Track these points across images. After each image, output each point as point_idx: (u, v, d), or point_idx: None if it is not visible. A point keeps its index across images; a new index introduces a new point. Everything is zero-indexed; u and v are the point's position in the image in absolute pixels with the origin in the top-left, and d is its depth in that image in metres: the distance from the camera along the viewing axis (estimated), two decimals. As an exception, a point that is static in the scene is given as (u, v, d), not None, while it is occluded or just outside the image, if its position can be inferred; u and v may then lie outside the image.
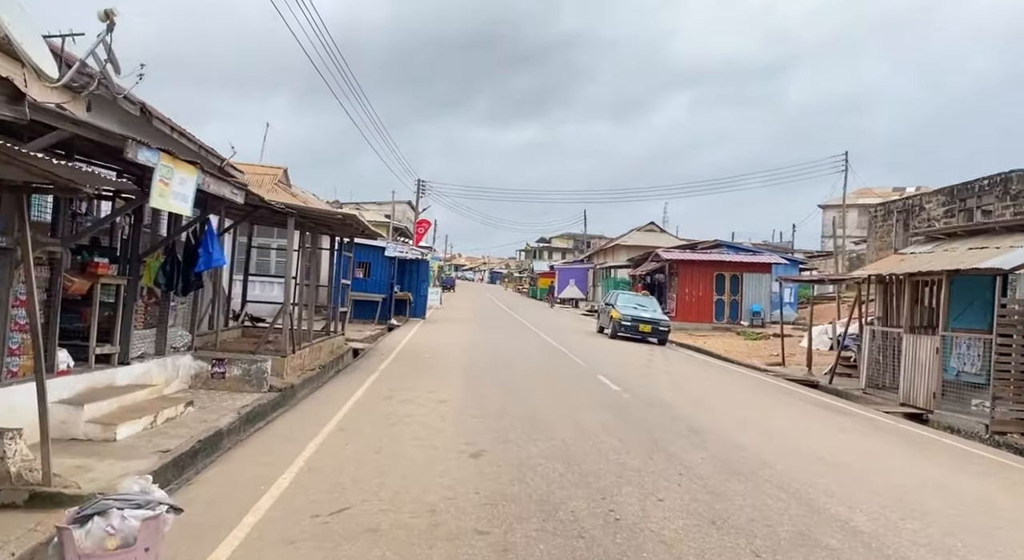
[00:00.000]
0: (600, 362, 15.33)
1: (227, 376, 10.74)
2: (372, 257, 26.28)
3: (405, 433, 7.52)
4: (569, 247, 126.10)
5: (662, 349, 21.29)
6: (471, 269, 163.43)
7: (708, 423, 8.88)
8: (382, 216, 50.55)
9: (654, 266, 33.09)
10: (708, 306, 29.89)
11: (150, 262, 9.13)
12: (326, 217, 12.59)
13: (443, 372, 12.74)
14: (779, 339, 26.65)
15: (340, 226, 14.14)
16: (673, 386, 12.34)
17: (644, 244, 48.85)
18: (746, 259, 30.39)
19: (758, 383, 14.72)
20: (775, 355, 21.37)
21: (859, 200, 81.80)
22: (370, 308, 25.73)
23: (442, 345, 18.09)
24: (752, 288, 30.08)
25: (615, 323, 22.57)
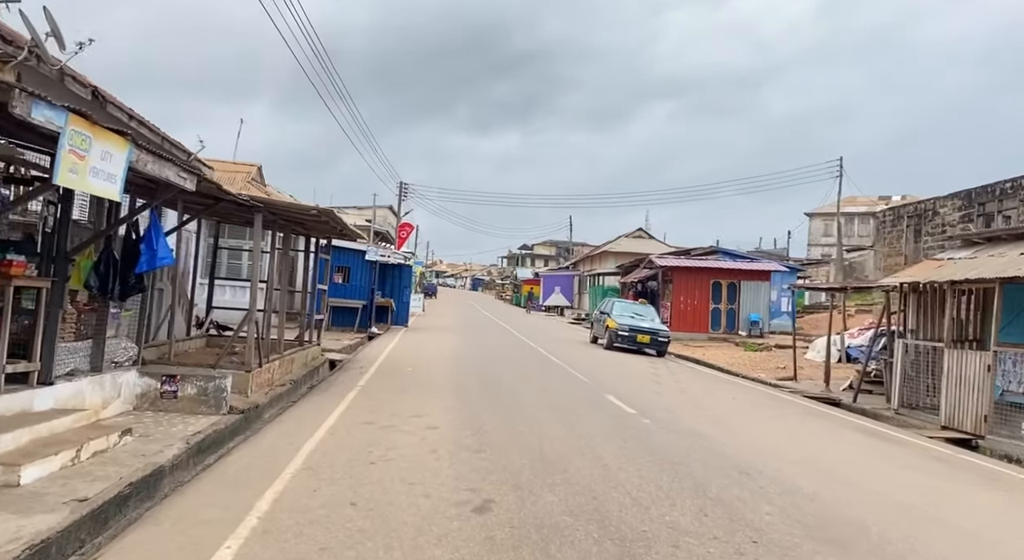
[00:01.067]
0: (603, 378, 13.91)
1: (180, 395, 9.16)
2: (352, 261, 24.70)
3: (389, 474, 6.02)
4: (552, 254, 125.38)
5: (663, 362, 19.91)
6: (453, 276, 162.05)
7: (753, 459, 7.45)
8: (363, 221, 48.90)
9: (646, 273, 31.81)
10: (704, 315, 28.64)
11: (80, 261, 7.56)
12: (298, 213, 11.07)
13: (430, 389, 11.23)
14: (781, 350, 25.50)
15: (315, 224, 12.60)
16: (693, 408, 10.93)
17: (633, 251, 47.65)
18: (744, 266, 29.21)
19: (779, 402, 13.36)
20: (782, 368, 20.11)
21: (846, 208, 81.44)
22: (349, 315, 24.14)
23: (427, 356, 16.57)
24: (750, 297, 28.88)
25: (611, 333, 21.18)
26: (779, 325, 30.42)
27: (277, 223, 12.50)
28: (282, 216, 11.97)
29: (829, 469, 7.42)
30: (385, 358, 16.28)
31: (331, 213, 10.93)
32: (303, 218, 12.20)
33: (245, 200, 9.45)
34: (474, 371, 14.05)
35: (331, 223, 12.09)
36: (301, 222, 13.01)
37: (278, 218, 12.03)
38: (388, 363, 15.20)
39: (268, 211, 11.02)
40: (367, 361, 15.73)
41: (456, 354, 17.47)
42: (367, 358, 16.31)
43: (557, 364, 16.11)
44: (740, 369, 19.76)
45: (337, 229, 13.18)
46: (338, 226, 12.87)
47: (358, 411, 9.22)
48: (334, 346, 18.26)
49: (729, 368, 19.85)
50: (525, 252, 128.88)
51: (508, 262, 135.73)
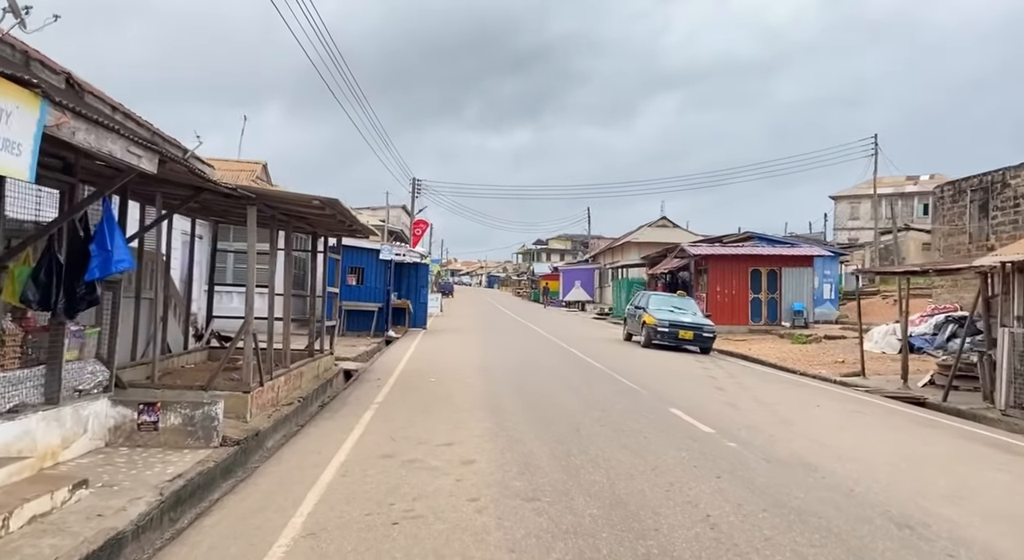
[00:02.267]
0: (655, 384, 12.17)
1: (161, 426, 7.59)
2: (365, 261, 23.11)
3: (418, 544, 4.35)
4: (568, 248, 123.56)
5: (711, 360, 18.11)
6: (468, 274, 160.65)
7: (900, 500, 5.61)
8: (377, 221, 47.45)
9: (677, 263, 29.97)
10: (743, 306, 26.76)
11: (15, 269, 5.95)
12: (297, 204, 9.42)
13: (459, 406, 9.56)
14: (831, 342, 23.58)
15: (320, 219, 10.97)
16: (778, 422, 9.11)
17: (657, 240, 45.77)
18: (784, 252, 27.28)
19: (865, 406, 11.53)
20: (841, 362, 18.25)
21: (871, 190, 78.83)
22: (364, 319, 22.56)
23: (451, 363, 14.91)
24: (792, 284, 26.94)
25: (649, 329, 19.41)
26: (823, 314, 28.47)
27: (277, 219, 10.89)
28: (281, 210, 10.35)
29: (1006, 512, 5.61)
30: (405, 366, 14.65)
31: (337, 204, 9.28)
32: (306, 212, 10.57)
33: (231, 189, 7.83)
34: (505, 380, 12.37)
35: (338, 217, 10.45)
36: (304, 217, 11.39)
37: (277, 213, 10.41)
38: (408, 373, 13.56)
39: (264, 204, 9.40)
40: (385, 370, 14.11)
41: (482, 359, 15.80)
42: (385, 367, 14.69)
43: (598, 368, 14.37)
44: (796, 365, 17.93)
45: (346, 225, 11.54)
46: (347, 221, 11.23)
47: (375, 438, 7.57)
48: (349, 354, 16.68)
49: (784, 364, 18.03)
50: (540, 247, 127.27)
51: (523, 258, 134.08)
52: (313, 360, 12.91)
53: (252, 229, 9.19)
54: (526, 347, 19.09)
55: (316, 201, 8.97)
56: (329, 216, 10.28)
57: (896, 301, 32.15)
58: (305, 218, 11.43)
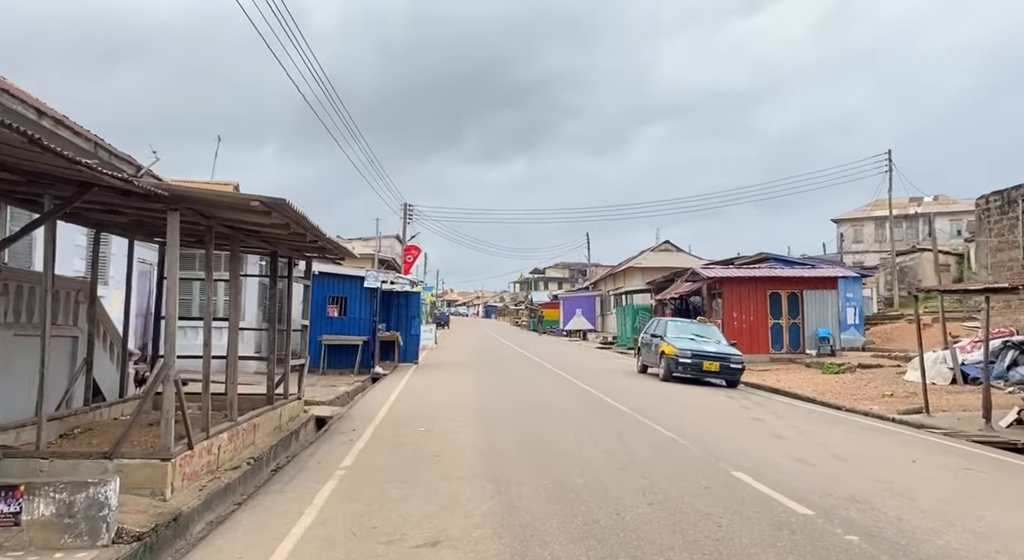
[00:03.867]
0: (698, 431, 9.80)
1: (26, 519, 5.32)
2: (348, 290, 20.85)
3: None
4: (565, 276, 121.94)
5: (742, 395, 15.78)
6: (464, 304, 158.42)
7: None
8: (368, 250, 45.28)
9: (688, 287, 27.78)
10: (762, 333, 24.48)
11: None
12: (234, 208, 7.14)
13: (450, 472, 7.23)
14: (867, 371, 21.29)
15: (274, 232, 8.72)
16: (882, 489, 6.58)
17: (661, 265, 43.63)
18: (806, 273, 25.10)
19: (966, 458, 9.13)
20: (889, 396, 15.92)
21: (875, 212, 77.29)
22: (347, 355, 20.23)
23: (444, 406, 12.57)
24: (815, 308, 24.71)
25: (669, 361, 17.11)
26: (848, 340, 26.20)
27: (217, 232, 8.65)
28: (220, 221, 8.11)
29: None
30: (388, 411, 12.31)
31: (286, 207, 7.04)
32: (253, 223, 8.33)
33: (122, 179, 5.58)
34: (511, 428, 10.03)
35: (293, 227, 8.19)
36: (254, 231, 9.15)
37: (216, 224, 8.17)
38: (391, 420, 11.21)
39: (189, 209, 7.17)
40: (364, 416, 11.78)
41: (481, 400, 13.46)
42: (365, 412, 12.35)
43: (620, 410, 12.00)
44: (839, 399, 15.62)
45: (307, 240, 9.27)
46: (308, 234, 8.97)
47: (328, 531, 5.24)
48: (325, 397, 14.32)
49: (824, 398, 15.72)
50: (537, 276, 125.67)
51: (521, 287, 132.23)
52: (273, 408, 10.59)
53: (173, 243, 6.95)
54: (532, 384, 16.73)
55: (257, 203, 6.73)
56: (282, 226, 8.03)
57: (925, 325, 30.00)
58: (256, 232, 9.19)
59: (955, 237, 63.89)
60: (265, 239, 10.15)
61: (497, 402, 13.08)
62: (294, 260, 12.17)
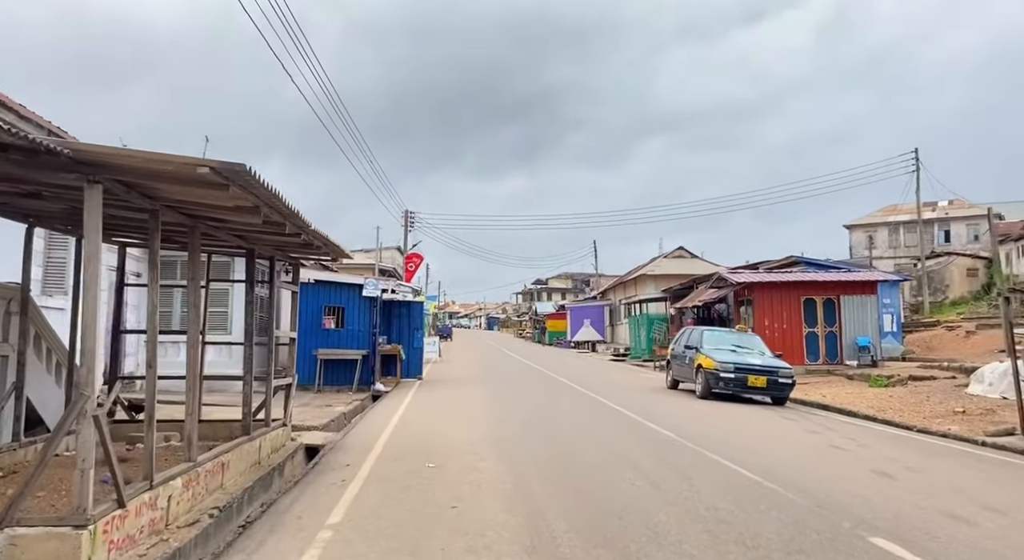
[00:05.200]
0: (783, 468, 7.79)
1: None
2: (345, 299, 18.94)
3: None
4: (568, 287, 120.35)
5: (799, 414, 13.81)
6: (466, 316, 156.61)
7: None
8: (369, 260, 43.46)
9: (713, 294, 25.83)
10: (797, 342, 22.50)
11: None
12: (174, 177, 5.21)
13: (476, 534, 5.31)
14: (919, 384, 19.29)
15: (240, 218, 6.81)
16: None
17: (674, 272, 41.71)
18: (843, 277, 23.15)
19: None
20: (960, 413, 13.93)
21: (888, 217, 75.27)
22: (346, 370, 18.33)
23: (454, 432, 10.63)
24: (853, 315, 22.74)
25: (708, 375, 15.14)
26: (887, 349, 24.21)
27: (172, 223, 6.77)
28: (167, 200, 6.20)
29: None
30: (390, 438, 10.38)
31: (248, 179, 5.14)
32: (213, 209, 6.43)
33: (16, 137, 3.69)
34: (540, 465, 8.08)
35: (264, 211, 6.28)
36: (222, 220, 7.25)
37: (163, 206, 6.28)
38: (394, 450, 9.28)
39: (118, 182, 5.27)
40: (362, 445, 9.85)
41: (498, 424, 11.51)
42: (363, 438, 10.42)
43: (667, 438, 10.02)
44: (904, 417, 13.65)
45: (287, 231, 7.36)
46: (287, 223, 7.06)
47: None
48: (316, 420, 12.40)
49: (885, 416, 13.75)
50: (540, 287, 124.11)
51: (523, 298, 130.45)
52: (251, 439, 8.68)
53: (92, 230, 5.07)
54: (552, 403, 14.76)
55: (206, 169, 4.84)
56: (250, 210, 6.12)
57: (970, 333, 27.98)
58: (223, 222, 7.28)
59: (972, 242, 62.09)
60: (238, 233, 8.25)
61: (516, 427, 11.12)
62: (278, 261, 10.29)
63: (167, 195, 6.04)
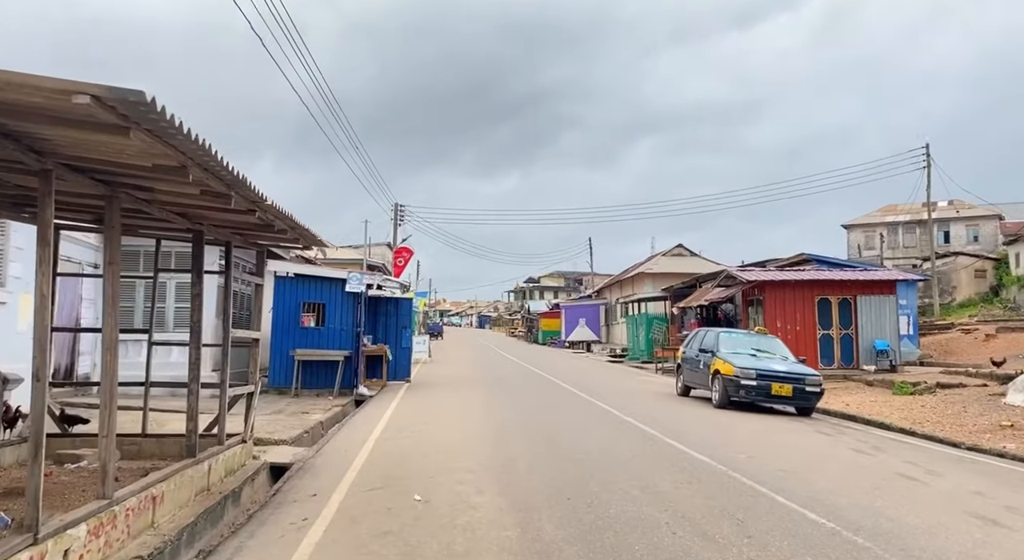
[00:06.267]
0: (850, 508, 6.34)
1: None
2: (327, 295, 17.36)
3: None
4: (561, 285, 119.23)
5: (829, 427, 12.36)
6: (458, 314, 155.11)
7: None
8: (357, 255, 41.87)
9: (719, 293, 24.39)
10: (811, 345, 21.06)
11: None
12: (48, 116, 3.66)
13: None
14: (947, 391, 17.89)
15: (169, 185, 5.24)
16: None
17: (673, 270, 40.31)
18: (860, 276, 21.74)
19: None
20: (1009, 427, 12.51)
21: (887, 217, 74.21)
22: (327, 372, 16.78)
23: (445, 450, 9.10)
24: (871, 317, 21.35)
25: (726, 382, 13.66)
26: (904, 353, 22.83)
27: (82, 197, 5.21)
28: (63, 156, 4.63)
29: None
30: (370, 457, 8.84)
31: (158, 120, 3.61)
32: (131, 169, 4.88)
33: None
34: (552, 499, 6.56)
35: (190, 169, 4.70)
36: (147, 190, 5.68)
37: (56, 163, 4.70)
38: (373, 473, 7.74)
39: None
40: (336, 466, 8.32)
41: (497, 440, 9.98)
42: (337, 458, 8.86)
43: (701, 462, 8.48)
44: (947, 432, 12.23)
45: (234, 205, 5.80)
46: (230, 193, 5.51)
47: None
48: (287, 432, 10.83)
49: (928, 431, 12.32)
50: (532, 285, 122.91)
51: (515, 296, 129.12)
52: (197, 462, 7.13)
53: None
54: (555, 414, 13.22)
55: (86, 98, 3.30)
56: (175, 171, 4.58)
57: (990, 336, 26.67)
58: (152, 192, 5.70)
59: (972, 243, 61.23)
60: (179, 210, 6.68)
61: (519, 444, 9.59)
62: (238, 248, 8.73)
63: (62, 149, 4.48)
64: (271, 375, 17.16)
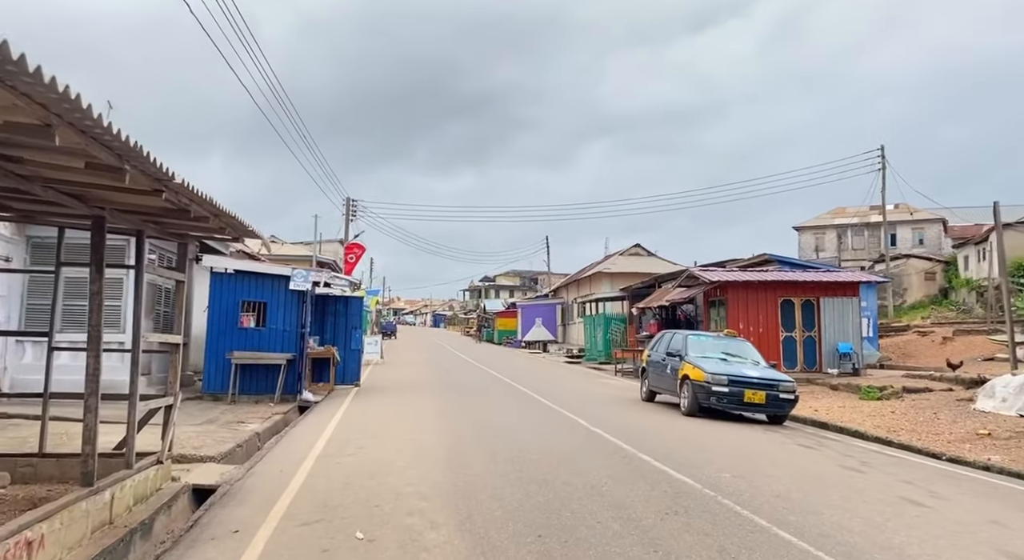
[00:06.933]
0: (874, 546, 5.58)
1: None
2: (269, 293, 16.07)
3: None
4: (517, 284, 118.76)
5: (805, 437, 11.70)
6: (412, 313, 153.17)
7: None
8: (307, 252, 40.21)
9: (681, 294, 23.81)
10: (773, 347, 20.60)
11: None
12: None
13: None
14: (915, 396, 17.52)
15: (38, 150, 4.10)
16: None
17: (631, 270, 39.85)
18: (824, 277, 21.38)
19: None
20: (986, 435, 12.04)
21: (836, 220, 75.73)
22: (268, 377, 15.50)
23: (397, 469, 8.06)
24: (833, 319, 21.02)
25: (697, 388, 12.91)
26: (865, 356, 22.61)
27: None
28: None
29: None
30: (309, 478, 7.74)
31: None
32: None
33: None
34: (516, 537, 5.61)
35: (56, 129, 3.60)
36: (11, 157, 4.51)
37: None
38: (307, 505, 6.64)
39: None
40: (267, 492, 7.19)
41: (454, 458, 8.96)
42: (271, 479, 7.73)
43: (683, 484, 7.63)
44: (924, 442, 11.73)
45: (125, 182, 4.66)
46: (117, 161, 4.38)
47: None
48: (218, 447, 9.62)
49: (905, 440, 11.81)
50: (488, 284, 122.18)
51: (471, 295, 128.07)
52: (93, 492, 5.94)
53: None
54: (518, 424, 12.25)
55: None
56: (37, 131, 3.47)
57: (947, 338, 26.74)
58: (23, 163, 4.54)
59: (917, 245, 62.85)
60: (71, 191, 5.48)
61: (478, 462, 8.59)
62: (153, 239, 7.54)
63: None
64: (205, 380, 15.81)
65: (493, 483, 7.30)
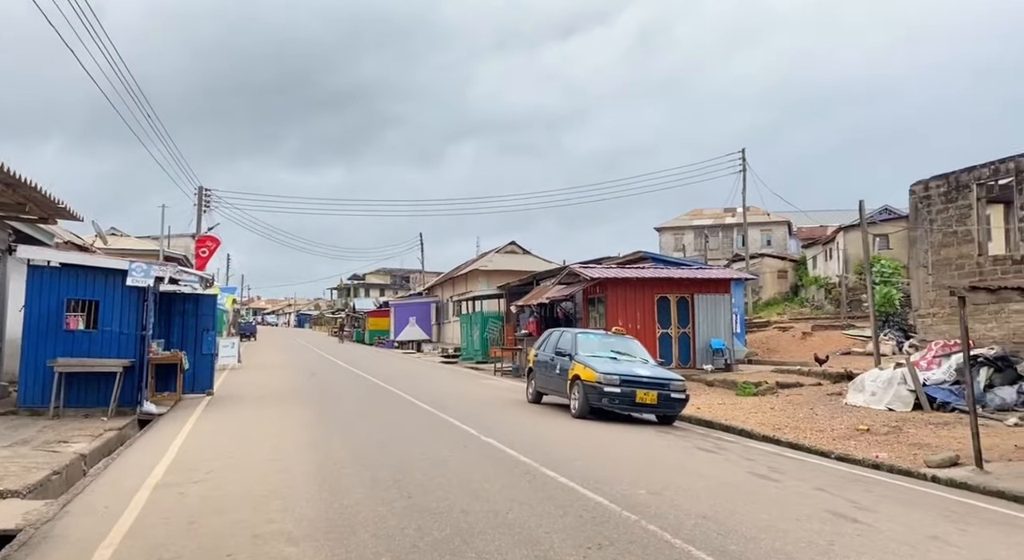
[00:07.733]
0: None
1: None
2: (102, 290, 13.78)
3: None
4: (387, 283, 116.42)
5: (700, 439, 11.34)
6: (274, 313, 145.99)
7: None
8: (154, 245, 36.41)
9: (561, 291, 23.40)
10: (650, 344, 20.53)
11: None
12: None
13: None
14: (789, 392, 17.92)
15: None
16: None
17: (508, 268, 39.43)
18: (698, 275, 21.69)
19: None
20: (865, 430, 12.24)
21: (694, 221, 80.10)
22: (101, 386, 13.29)
23: (255, 500, 6.67)
24: (707, 316, 21.36)
25: (588, 389, 12.27)
26: (736, 351, 23.25)
27: None
28: None
29: None
30: (141, 516, 6.20)
31: None
32: None
33: None
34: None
35: None
36: None
37: None
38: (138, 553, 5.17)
39: None
40: (86, 535, 5.62)
41: (326, 483, 7.64)
42: (93, 517, 6.12)
43: (595, 505, 6.81)
44: (811, 439, 11.76)
45: None
46: None
47: None
48: (24, 477, 7.73)
49: (791, 438, 11.80)
50: (358, 282, 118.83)
51: (339, 294, 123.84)
52: None
53: None
54: (398, 435, 11.01)
55: None
56: None
57: (807, 333, 28.15)
58: None
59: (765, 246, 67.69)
60: None
61: (356, 488, 7.34)
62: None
63: None
64: (21, 391, 13.33)
65: (376, 514, 6.11)
